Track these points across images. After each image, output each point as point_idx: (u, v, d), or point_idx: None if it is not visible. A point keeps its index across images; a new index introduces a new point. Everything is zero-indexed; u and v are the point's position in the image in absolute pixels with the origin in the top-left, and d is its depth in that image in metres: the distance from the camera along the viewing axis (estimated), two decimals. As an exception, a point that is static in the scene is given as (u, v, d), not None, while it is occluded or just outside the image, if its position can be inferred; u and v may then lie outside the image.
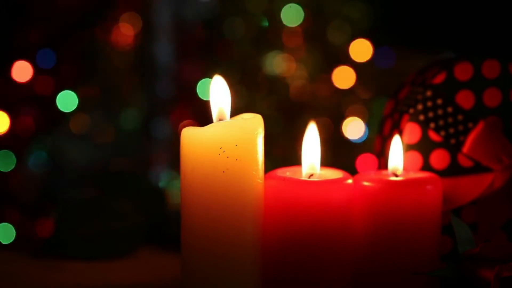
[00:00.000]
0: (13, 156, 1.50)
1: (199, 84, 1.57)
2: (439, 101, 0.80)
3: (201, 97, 1.58)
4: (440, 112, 0.80)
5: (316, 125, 0.75)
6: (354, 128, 1.65)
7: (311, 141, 0.74)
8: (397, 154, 0.77)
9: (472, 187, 0.80)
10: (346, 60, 1.65)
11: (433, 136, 0.80)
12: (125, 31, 1.57)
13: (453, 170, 0.80)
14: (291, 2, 1.60)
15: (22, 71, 1.50)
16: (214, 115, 0.70)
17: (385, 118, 0.86)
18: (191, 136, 0.67)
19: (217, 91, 0.70)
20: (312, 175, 0.73)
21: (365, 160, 1.61)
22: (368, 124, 1.64)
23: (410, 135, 0.80)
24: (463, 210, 0.80)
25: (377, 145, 0.87)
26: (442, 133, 0.80)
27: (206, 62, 1.60)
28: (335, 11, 1.66)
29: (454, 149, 0.80)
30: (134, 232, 0.92)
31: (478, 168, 0.80)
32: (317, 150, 0.73)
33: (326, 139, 1.61)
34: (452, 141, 0.80)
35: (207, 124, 0.67)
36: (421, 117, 0.80)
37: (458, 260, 0.72)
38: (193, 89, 1.59)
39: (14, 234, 1.45)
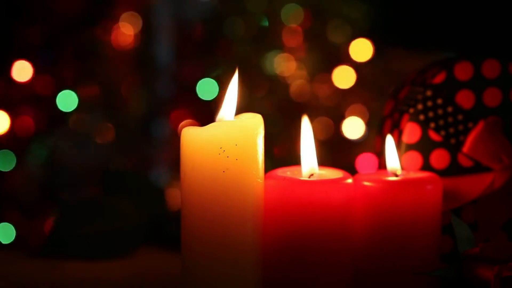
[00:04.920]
0: (13, 156, 1.50)
1: (199, 84, 1.57)
2: (439, 101, 0.80)
3: (201, 97, 1.58)
4: (440, 112, 0.80)
5: (308, 120, 0.74)
6: (354, 128, 1.64)
7: (307, 140, 0.74)
8: (392, 154, 0.77)
9: (472, 187, 0.80)
10: (346, 60, 1.65)
11: (433, 136, 0.80)
12: (125, 31, 1.57)
13: (453, 170, 0.80)
14: (291, 2, 1.60)
15: (22, 71, 1.50)
16: (223, 109, 0.70)
17: (385, 118, 0.86)
18: (191, 136, 0.67)
19: (234, 85, 0.70)
20: (312, 175, 0.73)
21: (365, 160, 1.61)
22: (368, 124, 1.64)
23: (410, 135, 0.80)
24: (463, 210, 0.80)
25: (377, 145, 0.87)
26: (442, 133, 0.80)
27: (206, 62, 1.60)
28: (335, 11, 1.66)
29: (454, 149, 0.80)
30: (134, 232, 0.92)
31: (478, 168, 0.80)
32: (313, 149, 0.73)
33: (326, 139, 1.61)
34: (452, 141, 0.80)
35: (207, 124, 0.67)
36: (421, 117, 0.80)
37: (458, 260, 0.72)
38: (193, 89, 1.59)
39: (14, 234, 1.45)
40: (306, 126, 0.74)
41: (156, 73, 1.65)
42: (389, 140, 0.78)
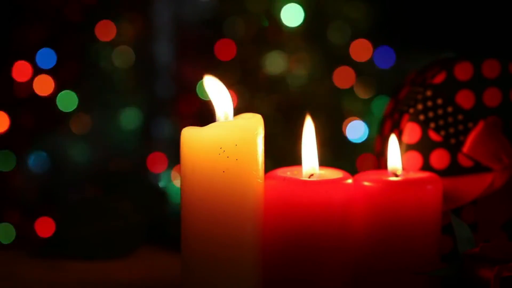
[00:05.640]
0: (13, 156, 1.50)
1: (199, 84, 1.57)
2: (439, 101, 0.80)
3: (201, 97, 1.58)
4: (440, 112, 0.80)
5: (311, 120, 0.74)
6: (354, 128, 1.64)
7: (309, 140, 0.74)
8: (395, 153, 0.77)
9: (472, 187, 0.80)
10: (346, 60, 1.65)
11: (433, 136, 0.80)
12: (125, 31, 1.57)
13: (453, 170, 0.80)
14: (291, 2, 1.60)
15: (22, 71, 1.50)
16: (219, 113, 0.70)
17: (385, 118, 0.86)
18: (191, 136, 0.67)
19: (213, 90, 0.70)
20: (312, 175, 0.73)
21: (365, 160, 1.61)
22: (368, 124, 1.64)
23: (410, 135, 0.80)
24: (463, 210, 0.80)
25: (377, 145, 0.87)
26: (442, 133, 0.80)
27: (206, 62, 1.60)
28: (335, 11, 1.66)
29: (454, 149, 0.80)
30: (134, 232, 0.92)
31: (478, 168, 0.81)
32: (315, 149, 0.73)
33: (326, 139, 1.60)
34: (452, 141, 0.80)
35: (207, 124, 0.67)
36: (421, 117, 0.80)
37: (458, 260, 0.72)
38: (193, 89, 1.59)
39: (14, 234, 1.45)
40: (308, 126, 0.74)
41: (156, 73, 1.65)
42: (392, 140, 0.78)
